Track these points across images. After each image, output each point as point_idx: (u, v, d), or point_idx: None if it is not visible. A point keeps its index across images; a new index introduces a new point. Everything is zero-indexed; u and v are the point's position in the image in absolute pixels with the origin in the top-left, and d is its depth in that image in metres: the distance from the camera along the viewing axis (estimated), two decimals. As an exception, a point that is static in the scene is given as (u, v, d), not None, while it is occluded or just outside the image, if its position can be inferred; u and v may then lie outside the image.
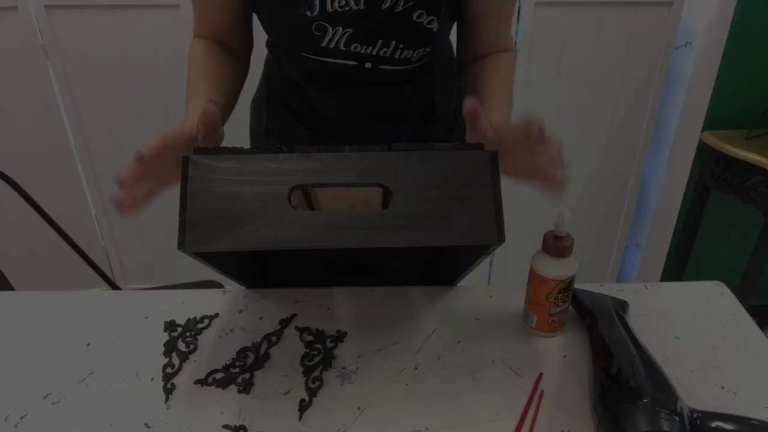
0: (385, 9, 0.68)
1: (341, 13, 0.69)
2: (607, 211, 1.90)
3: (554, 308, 0.69)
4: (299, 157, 0.55)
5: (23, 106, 1.68)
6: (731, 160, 1.56)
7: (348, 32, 0.70)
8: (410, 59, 0.74)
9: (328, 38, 0.71)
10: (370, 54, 0.73)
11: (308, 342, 0.72)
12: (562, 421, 0.61)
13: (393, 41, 0.71)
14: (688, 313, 0.76)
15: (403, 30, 0.71)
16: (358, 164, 0.55)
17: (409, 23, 0.70)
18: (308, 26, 0.70)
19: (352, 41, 0.71)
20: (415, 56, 0.74)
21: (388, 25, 0.70)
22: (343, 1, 0.68)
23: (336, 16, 0.69)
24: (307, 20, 0.69)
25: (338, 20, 0.69)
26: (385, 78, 0.76)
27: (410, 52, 0.73)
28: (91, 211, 1.87)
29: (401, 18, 0.69)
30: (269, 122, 0.91)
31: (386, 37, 0.71)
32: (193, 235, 0.53)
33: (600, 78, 1.67)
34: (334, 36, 0.70)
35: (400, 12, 0.69)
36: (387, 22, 0.70)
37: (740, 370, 0.67)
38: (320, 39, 0.71)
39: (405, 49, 0.72)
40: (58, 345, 0.72)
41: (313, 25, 0.69)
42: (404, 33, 0.71)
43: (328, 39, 0.71)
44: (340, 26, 0.70)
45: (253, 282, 0.83)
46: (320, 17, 0.69)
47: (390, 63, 0.74)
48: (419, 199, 0.55)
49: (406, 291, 0.81)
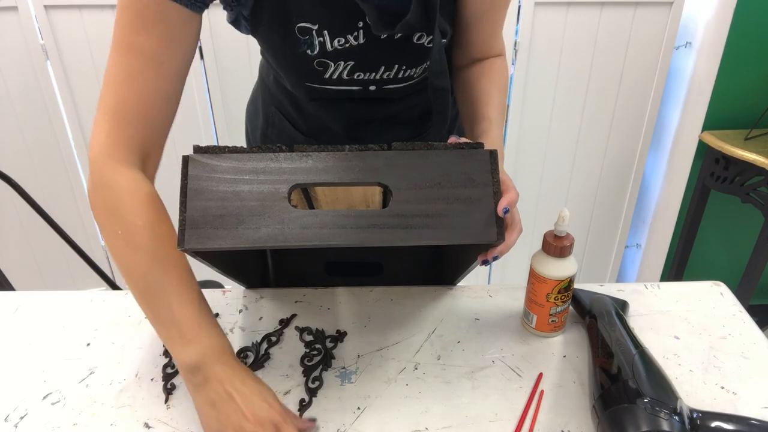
0: (385, 39, 0.67)
1: (342, 50, 0.68)
2: (607, 211, 1.90)
3: (554, 308, 0.69)
4: (299, 156, 0.55)
5: (23, 106, 1.68)
6: (731, 160, 1.56)
7: (350, 65, 0.70)
8: (413, 76, 0.74)
9: (331, 71, 0.70)
10: (373, 79, 0.72)
11: (308, 342, 0.72)
12: (562, 421, 0.61)
13: (395, 65, 0.71)
14: (688, 313, 0.76)
15: (404, 53, 0.70)
16: (357, 163, 0.55)
17: (410, 46, 0.70)
18: (309, 62, 0.69)
19: (354, 71, 0.71)
20: (418, 72, 0.74)
21: (389, 52, 0.70)
22: (342, 40, 0.67)
23: (337, 53, 0.68)
24: (307, 57, 0.68)
25: (339, 56, 0.68)
26: (389, 94, 0.76)
27: (413, 71, 0.73)
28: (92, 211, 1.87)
29: (401, 43, 0.69)
30: (267, 128, 0.90)
31: (388, 62, 0.71)
32: (192, 234, 0.53)
33: (600, 78, 1.67)
34: (336, 69, 0.70)
35: (399, 38, 0.68)
36: (388, 50, 0.69)
37: (740, 370, 0.67)
38: (323, 72, 0.70)
39: (408, 69, 0.72)
40: (58, 345, 0.72)
41: (315, 61, 0.69)
42: (405, 56, 0.71)
43: (330, 72, 0.70)
44: (342, 61, 0.69)
45: (253, 282, 0.83)
46: (321, 55, 0.68)
47: (394, 83, 0.74)
48: (419, 198, 0.55)
49: (406, 291, 0.81)
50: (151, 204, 0.58)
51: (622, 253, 1.99)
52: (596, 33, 1.61)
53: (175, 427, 0.60)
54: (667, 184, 1.80)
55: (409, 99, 0.80)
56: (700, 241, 1.83)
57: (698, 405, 0.61)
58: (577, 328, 0.74)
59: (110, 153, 0.58)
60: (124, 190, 0.58)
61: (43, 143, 1.74)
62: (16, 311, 0.78)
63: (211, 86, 1.65)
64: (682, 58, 1.67)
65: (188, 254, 0.56)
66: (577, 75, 1.67)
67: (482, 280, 2.03)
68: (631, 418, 0.53)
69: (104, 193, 0.58)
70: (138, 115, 0.58)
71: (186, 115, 1.68)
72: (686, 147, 1.70)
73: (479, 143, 0.58)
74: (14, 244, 1.90)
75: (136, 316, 0.77)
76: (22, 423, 0.61)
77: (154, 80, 0.58)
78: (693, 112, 1.65)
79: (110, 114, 0.58)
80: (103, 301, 0.80)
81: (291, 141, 0.87)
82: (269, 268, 0.90)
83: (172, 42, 0.58)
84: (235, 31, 0.70)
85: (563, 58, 1.64)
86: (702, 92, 1.61)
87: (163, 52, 0.57)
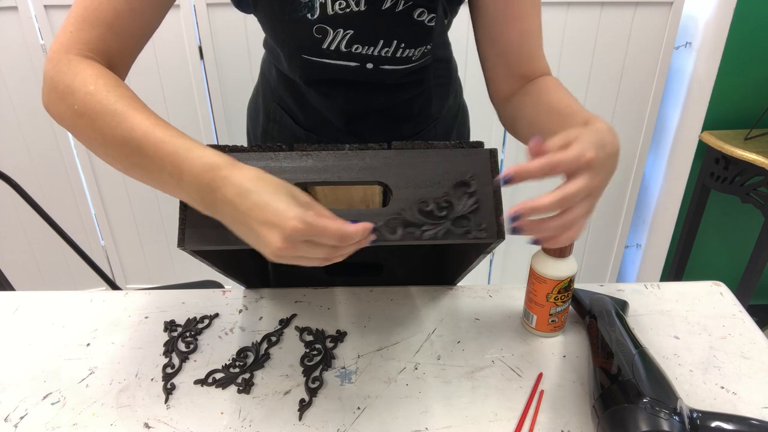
0: (386, 9, 0.68)
1: (342, 15, 0.68)
2: (607, 211, 1.90)
3: (554, 308, 0.69)
4: (299, 155, 0.55)
5: (23, 106, 1.68)
6: (731, 160, 1.56)
7: (349, 34, 0.70)
8: (411, 58, 0.74)
9: (329, 40, 0.70)
10: (371, 54, 0.72)
11: (308, 342, 0.72)
12: (562, 421, 0.61)
13: (394, 41, 0.71)
14: (688, 313, 0.76)
15: (404, 29, 0.70)
16: (357, 162, 0.55)
17: (410, 22, 0.70)
18: (309, 29, 0.69)
19: (353, 42, 0.71)
20: (417, 54, 0.74)
21: (389, 25, 0.70)
22: (344, 3, 0.67)
23: (336, 18, 0.68)
24: (307, 23, 0.68)
25: (339, 22, 0.68)
26: (386, 78, 0.76)
27: (412, 51, 0.73)
28: (91, 211, 1.87)
29: (402, 17, 0.69)
30: (267, 124, 0.90)
31: (387, 37, 0.71)
32: (192, 234, 0.53)
33: (600, 78, 1.67)
34: (335, 38, 0.70)
35: (401, 11, 0.68)
36: (388, 22, 0.69)
37: (740, 370, 0.67)
38: (321, 41, 0.70)
39: (406, 48, 0.72)
40: (58, 345, 0.72)
41: (314, 27, 0.69)
42: (405, 32, 0.71)
43: (329, 41, 0.70)
44: (341, 28, 0.69)
45: (253, 282, 0.83)
46: (320, 20, 0.68)
47: (391, 63, 0.74)
48: (419, 197, 0.55)
49: (406, 291, 0.81)
50: (104, 73, 0.55)
51: (622, 253, 1.99)
52: (596, 33, 1.61)
53: (175, 427, 0.60)
54: (667, 184, 1.80)
55: (406, 89, 0.80)
56: (700, 241, 1.83)
57: (698, 405, 0.61)
58: (577, 328, 0.74)
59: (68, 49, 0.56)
60: (76, 71, 0.55)
61: (43, 143, 1.74)
62: (16, 311, 0.78)
63: (211, 86, 1.65)
64: (682, 58, 1.67)
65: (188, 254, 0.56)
66: (577, 75, 1.67)
67: (482, 280, 2.03)
68: (631, 418, 0.53)
69: (57, 78, 0.55)
70: (104, 21, 0.56)
71: (186, 115, 1.68)
72: (686, 147, 1.70)
73: (479, 142, 0.58)
74: (14, 244, 1.90)
75: (136, 316, 0.77)
76: (22, 423, 0.61)
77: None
78: (693, 112, 1.65)
79: (76, 17, 0.57)
80: (103, 301, 0.80)
81: (292, 136, 0.87)
82: (269, 268, 0.90)
83: None
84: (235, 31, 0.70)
85: (563, 58, 1.64)
86: (702, 92, 1.61)
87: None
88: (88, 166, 1.79)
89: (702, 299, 0.79)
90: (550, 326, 0.71)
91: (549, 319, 0.71)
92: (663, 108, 1.75)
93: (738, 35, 1.53)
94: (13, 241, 1.89)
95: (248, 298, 0.80)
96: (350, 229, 0.47)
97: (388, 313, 0.77)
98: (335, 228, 0.46)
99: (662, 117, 1.77)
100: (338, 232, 0.46)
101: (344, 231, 0.46)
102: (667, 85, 1.71)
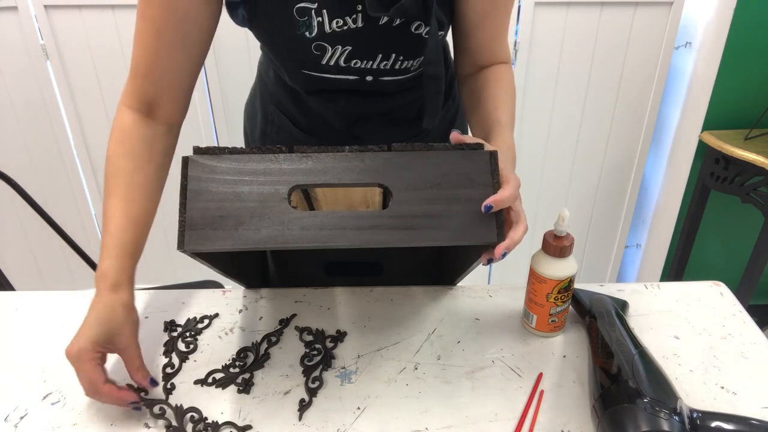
0: (383, 24, 0.68)
1: (339, 33, 0.68)
2: (607, 211, 1.90)
3: (554, 308, 0.69)
4: (299, 157, 0.55)
5: (23, 106, 1.68)
6: (731, 160, 1.56)
7: (348, 49, 0.70)
8: (410, 68, 0.74)
9: (328, 56, 0.70)
10: (370, 68, 0.72)
11: (308, 342, 0.72)
12: (562, 421, 0.61)
13: (393, 54, 0.71)
14: (688, 313, 0.76)
15: (401, 42, 0.70)
16: (357, 164, 0.55)
17: (407, 35, 0.70)
18: (307, 46, 0.69)
19: (352, 57, 0.71)
20: (415, 65, 0.74)
21: (387, 39, 0.70)
22: (341, 21, 0.67)
23: (334, 35, 0.68)
24: (305, 40, 0.68)
25: (337, 39, 0.69)
26: (386, 88, 0.76)
27: (410, 62, 0.73)
28: (91, 211, 1.87)
29: (399, 31, 0.69)
30: (266, 126, 0.90)
31: (386, 50, 0.71)
32: (192, 235, 0.53)
33: (600, 78, 1.67)
34: (334, 54, 0.70)
35: (397, 26, 0.69)
36: (385, 37, 0.69)
37: (740, 370, 0.67)
38: (320, 57, 0.70)
39: (405, 60, 0.72)
40: (58, 345, 0.72)
41: (312, 45, 0.69)
42: (403, 45, 0.71)
43: (327, 57, 0.70)
44: (339, 45, 0.69)
45: (253, 282, 0.83)
46: (319, 38, 0.68)
47: (390, 74, 0.74)
48: (419, 199, 0.55)
49: (406, 291, 0.81)
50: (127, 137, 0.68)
51: (622, 253, 1.99)
52: (596, 33, 1.61)
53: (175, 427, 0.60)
54: (667, 184, 1.80)
55: (406, 94, 0.80)
56: (700, 241, 1.83)
57: (698, 405, 0.61)
58: (577, 328, 0.74)
59: (122, 99, 0.70)
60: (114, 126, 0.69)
61: (43, 143, 1.74)
62: (16, 311, 0.78)
63: (211, 86, 1.65)
64: (682, 58, 1.67)
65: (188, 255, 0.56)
66: (577, 75, 1.67)
67: (482, 280, 2.03)
68: (631, 418, 0.53)
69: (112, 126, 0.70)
70: (141, 72, 0.68)
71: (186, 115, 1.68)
72: (686, 147, 1.70)
73: (479, 143, 0.58)
74: (14, 244, 1.90)
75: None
76: (22, 423, 0.61)
77: (155, 44, 0.66)
78: (693, 112, 1.65)
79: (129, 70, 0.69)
80: (103, 301, 0.80)
81: (291, 138, 0.87)
82: (269, 268, 0.90)
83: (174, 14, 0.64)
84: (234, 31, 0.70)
85: (563, 58, 1.64)
86: (702, 92, 1.61)
87: (163, 22, 0.64)
88: (88, 167, 1.79)
89: (702, 299, 0.79)
90: (550, 326, 0.71)
91: (549, 319, 0.71)
92: (663, 108, 1.75)
93: (738, 35, 1.53)
94: (13, 241, 1.89)
95: (248, 298, 0.80)
96: (95, 394, 0.59)
97: (388, 313, 0.77)
98: (85, 381, 0.59)
99: (662, 117, 1.77)
100: (87, 385, 0.59)
101: (91, 389, 0.59)
102: (667, 85, 1.71)
